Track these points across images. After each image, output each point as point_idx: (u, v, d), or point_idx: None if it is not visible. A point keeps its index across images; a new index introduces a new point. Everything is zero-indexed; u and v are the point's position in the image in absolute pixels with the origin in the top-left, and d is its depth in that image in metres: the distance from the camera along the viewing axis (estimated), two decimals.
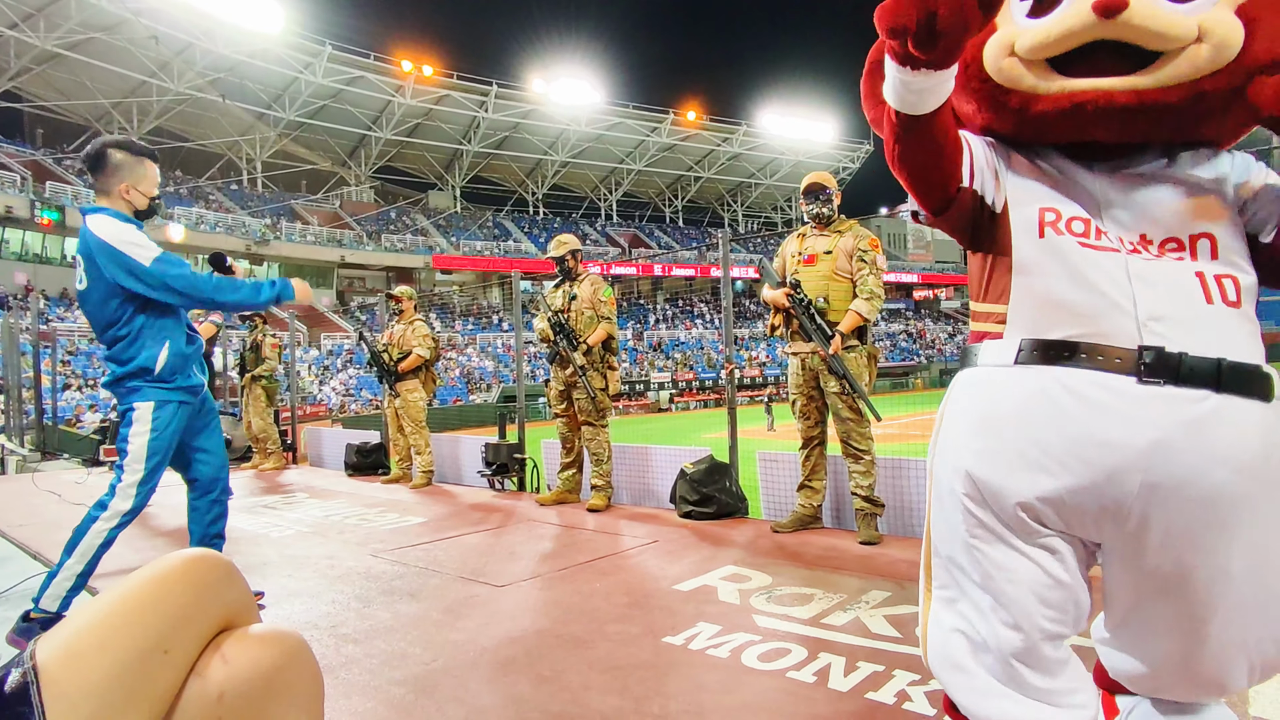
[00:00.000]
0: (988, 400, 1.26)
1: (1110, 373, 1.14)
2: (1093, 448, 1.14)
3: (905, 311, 51.22)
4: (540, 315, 4.94)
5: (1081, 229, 1.22)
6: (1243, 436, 1.11)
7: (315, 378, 28.65)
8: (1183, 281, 1.16)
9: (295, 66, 34.56)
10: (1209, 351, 1.11)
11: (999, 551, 1.23)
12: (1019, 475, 1.19)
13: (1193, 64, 1.12)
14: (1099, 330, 1.16)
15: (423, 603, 2.88)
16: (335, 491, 6.06)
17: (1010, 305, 1.28)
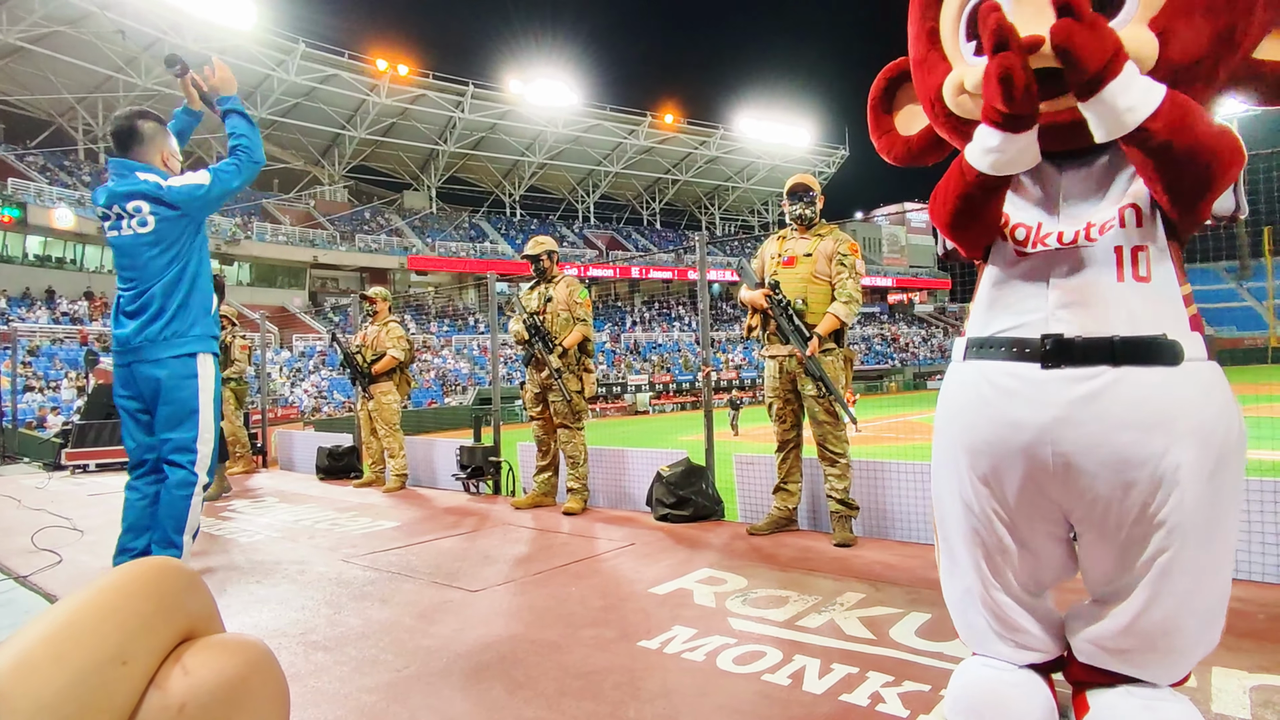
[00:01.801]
0: (945, 393, 1.53)
1: (1021, 361, 1.36)
2: (1006, 428, 1.36)
3: (880, 315, 51.80)
4: (515, 317, 4.91)
5: (1023, 235, 1.40)
6: (1142, 400, 1.27)
7: (287, 379, 28.20)
8: (1099, 264, 1.33)
9: (267, 64, 34.03)
10: (1107, 331, 1.29)
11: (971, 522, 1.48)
12: (967, 457, 1.44)
13: None
14: (1021, 324, 1.37)
15: (395, 608, 2.83)
16: (306, 495, 5.96)
17: (973, 305, 1.53)
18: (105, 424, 8.49)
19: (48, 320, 26.38)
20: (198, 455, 2.66)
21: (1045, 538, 1.46)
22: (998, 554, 1.47)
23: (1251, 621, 2.32)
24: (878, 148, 1.66)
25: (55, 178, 31.08)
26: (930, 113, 1.47)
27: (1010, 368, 1.36)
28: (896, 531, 3.66)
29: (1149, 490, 1.26)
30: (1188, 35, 1.22)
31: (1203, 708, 1.75)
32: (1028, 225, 1.39)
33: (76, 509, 5.44)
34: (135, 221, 2.72)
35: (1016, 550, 1.46)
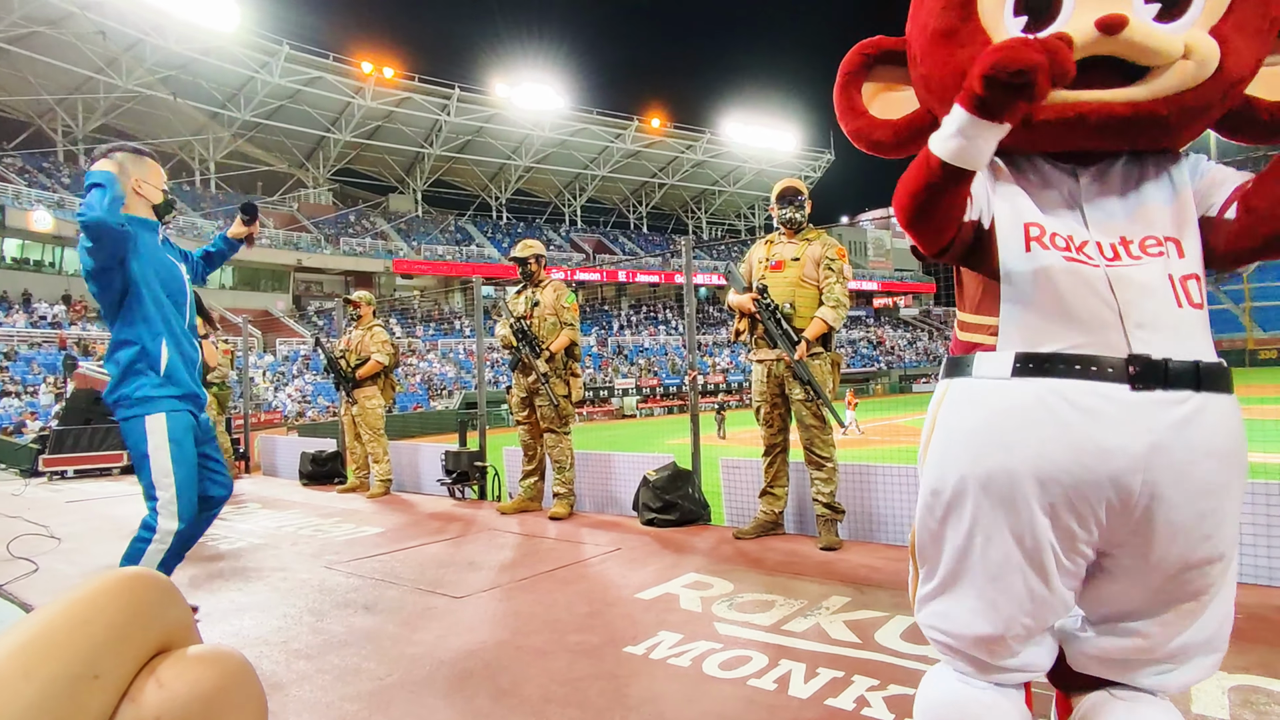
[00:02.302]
0: (990, 412, 1.31)
1: (1104, 381, 1.22)
2: (1094, 455, 1.21)
3: (865, 319, 52.11)
4: (502, 321, 4.89)
5: (1064, 244, 1.28)
6: (1221, 429, 1.22)
7: (270, 384, 27.94)
8: (1157, 287, 1.24)
9: (251, 65, 33.75)
10: (1185, 354, 1.21)
11: (996, 561, 1.31)
12: (1033, 484, 1.26)
13: (1180, 78, 1.19)
14: (1090, 341, 1.24)
15: (378, 615, 2.81)
16: (289, 501, 5.90)
17: (1001, 318, 1.33)
18: (84, 430, 8.37)
19: (25, 324, 25.98)
20: (158, 500, 2.54)
21: (1073, 574, 1.34)
22: (1031, 598, 1.32)
23: None
24: (850, 130, 1.51)
25: (34, 179, 30.64)
26: (942, 94, 1.32)
27: (1096, 387, 1.22)
28: (882, 535, 3.67)
29: (1214, 520, 1.23)
30: (1242, 51, 1.20)
31: (1182, 708, 1.77)
32: (1066, 235, 1.30)
33: (54, 516, 5.35)
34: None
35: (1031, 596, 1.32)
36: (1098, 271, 1.25)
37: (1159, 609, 1.33)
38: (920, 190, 1.25)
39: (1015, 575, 1.30)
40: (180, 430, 2.58)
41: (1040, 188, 1.35)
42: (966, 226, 1.33)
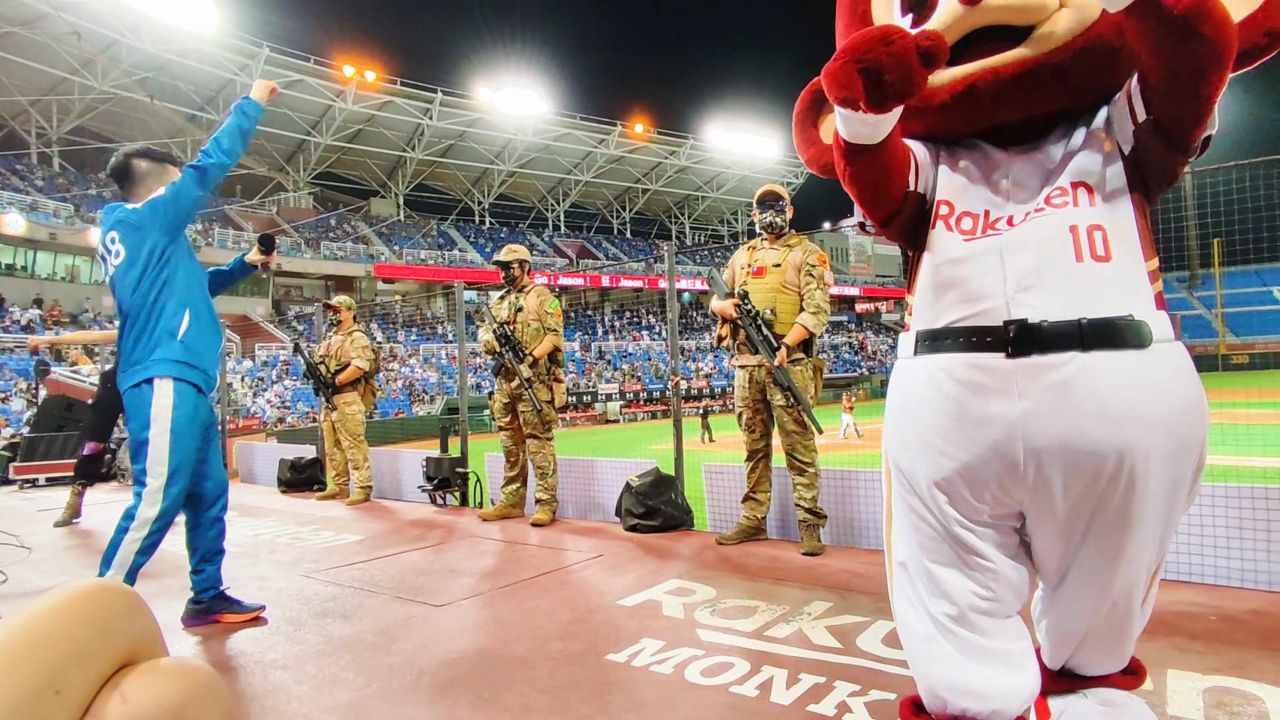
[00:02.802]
0: (898, 392, 1.40)
1: (984, 352, 1.24)
2: (974, 426, 1.25)
3: (848, 324, 52.46)
4: (485, 327, 4.87)
5: (970, 225, 1.32)
6: (1113, 389, 1.18)
7: (249, 389, 27.59)
8: (1055, 243, 1.23)
9: (230, 68, 33.40)
10: (1072, 313, 1.19)
11: (926, 536, 1.36)
12: (924, 460, 1.32)
13: (1064, 27, 1.21)
14: (975, 313, 1.26)
15: (357, 624, 2.77)
16: (267, 509, 5.82)
17: (915, 298, 1.40)
18: (56, 437, 8.21)
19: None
20: (146, 487, 2.54)
21: (1002, 545, 1.36)
22: (967, 568, 1.34)
23: (1204, 623, 2.37)
24: (805, 159, 1.61)
25: (7, 182, 30.07)
26: None
27: (972, 359, 1.25)
28: (864, 540, 3.69)
29: (1117, 480, 1.19)
30: None
31: (1158, 710, 1.79)
32: (974, 214, 1.32)
33: (24, 525, 5.23)
34: (113, 255, 2.67)
35: (979, 558, 1.34)
36: (994, 243, 1.27)
37: (1075, 567, 1.33)
38: (840, 160, 1.31)
39: (944, 548, 1.34)
40: (185, 415, 2.59)
41: (973, 168, 1.38)
42: (912, 198, 1.36)
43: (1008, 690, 1.34)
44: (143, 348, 2.60)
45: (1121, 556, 1.27)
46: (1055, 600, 1.43)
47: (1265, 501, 2.71)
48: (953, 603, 1.34)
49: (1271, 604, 2.53)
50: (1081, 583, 1.35)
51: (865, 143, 1.23)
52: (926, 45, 1.08)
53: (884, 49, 1.07)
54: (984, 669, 1.33)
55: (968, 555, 1.34)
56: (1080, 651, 1.47)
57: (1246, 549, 2.73)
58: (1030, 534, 1.36)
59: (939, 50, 1.09)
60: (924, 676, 1.40)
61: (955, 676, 1.34)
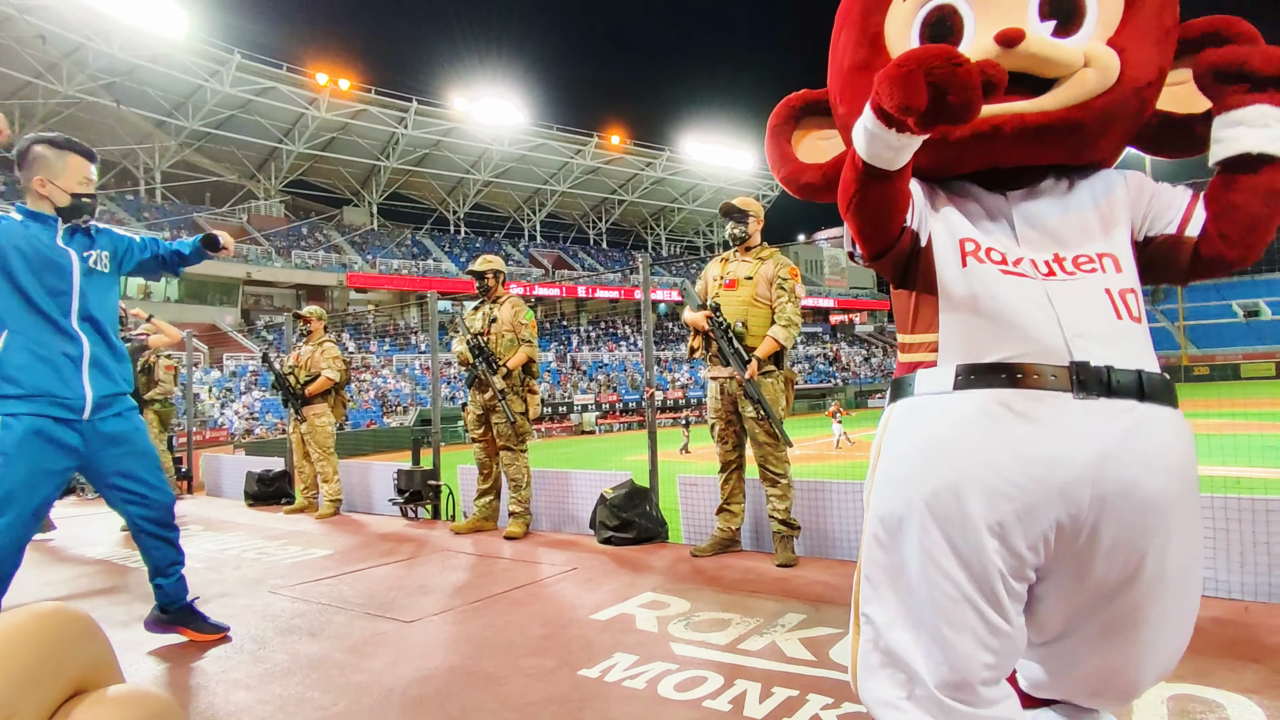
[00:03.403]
0: (932, 428, 1.26)
1: (1047, 390, 1.18)
2: (1043, 465, 1.17)
3: (822, 335, 52.98)
4: (459, 338, 4.83)
5: (999, 257, 1.29)
6: (1168, 442, 1.19)
7: (216, 400, 27.06)
8: (1095, 299, 1.23)
9: (200, 74, 32.91)
10: (1128, 364, 1.19)
11: (945, 593, 1.21)
12: (979, 500, 1.19)
13: (1085, 86, 1.24)
14: (1030, 350, 1.21)
15: (324, 642, 2.71)
16: (233, 523, 5.69)
17: (941, 333, 1.31)
18: None
19: None
20: None
21: (1016, 611, 1.25)
22: (988, 632, 1.21)
23: None
24: (780, 176, 1.57)
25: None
26: None
27: (1037, 396, 1.18)
28: (837, 551, 3.71)
29: (1155, 537, 1.18)
30: (1142, 58, 1.25)
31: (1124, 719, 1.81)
32: (1000, 250, 1.30)
33: None
34: None
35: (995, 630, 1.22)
36: (1035, 284, 1.25)
37: (1086, 631, 1.29)
38: (852, 185, 1.25)
39: (967, 607, 1.21)
40: (11, 441, 2.35)
41: (974, 210, 1.37)
42: (905, 236, 1.32)
43: None
44: None
45: (1143, 613, 1.23)
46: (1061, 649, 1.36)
47: (1225, 511, 2.78)
48: (957, 671, 1.22)
49: (1233, 612, 2.59)
50: (1098, 636, 1.30)
51: (884, 167, 1.19)
52: (991, 74, 1.05)
53: (952, 67, 1.03)
54: None
55: (991, 616, 1.22)
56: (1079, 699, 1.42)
57: (1210, 558, 2.79)
58: (1049, 589, 1.28)
59: (1001, 82, 1.07)
60: None
61: None
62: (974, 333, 1.26)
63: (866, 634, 1.34)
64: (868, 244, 1.31)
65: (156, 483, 2.71)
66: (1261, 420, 15.18)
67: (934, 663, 1.23)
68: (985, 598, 1.20)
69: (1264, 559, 2.70)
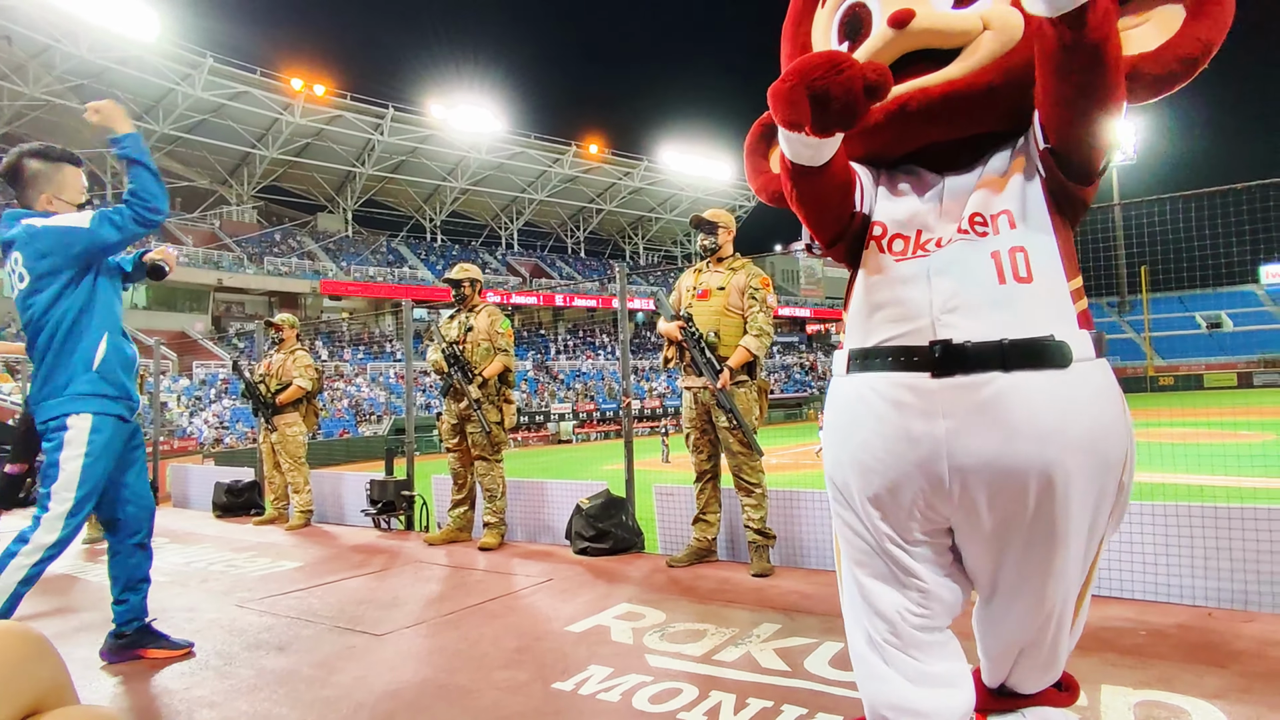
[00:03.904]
0: (831, 410, 1.44)
1: (910, 371, 1.28)
2: (902, 443, 1.28)
3: (799, 345, 53.38)
4: (434, 346, 4.79)
5: (901, 246, 1.35)
6: (1034, 408, 1.21)
7: (185, 409, 26.52)
8: (978, 267, 1.27)
9: (171, 77, 32.39)
10: (994, 334, 1.23)
11: (861, 551, 1.40)
12: (856, 476, 1.36)
13: (988, 49, 1.27)
14: (903, 333, 1.30)
15: (292, 656, 2.66)
16: (200, 535, 5.57)
17: (848, 316, 1.44)
18: None
19: None
20: (48, 512, 2.38)
21: (935, 563, 1.39)
22: (901, 583, 1.37)
23: (1134, 639, 2.46)
24: (755, 188, 1.66)
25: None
26: None
27: (900, 378, 1.28)
28: (811, 560, 3.72)
29: (1040, 497, 1.23)
30: None
31: None
32: (905, 235, 1.35)
33: None
34: (15, 275, 2.50)
35: (911, 577, 1.37)
36: (921, 264, 1.31)
37: (1007, 583, 1.36)
38: (786, 181, 1.34)
39: (877, 563, 1.38)
40: (101, 442, 2.45)
41: (909, 190, 1.42)
42: (858, 219, 1.40)
43: (946, 707, 1.37)
44: (56, 383, 2.43)
45: (1050, 571, 1.31)
46: (989, 614, 1.47)
47: (1189, 519, 2.83)
48: (886, 620, 1.37)
49: (1196, 618, 2.64)
50: (1012, 597, 1.38)
51: (808, 164, 1.26)
52: (873, 78, 1.11)
53: (833, 76, 1.09)
54: (923, 690, 1.36)
55: (900, 573, 1.37)
56: (1016, 669, 1.51)
57: (1174, 565, 2.85)
58: (960, 548, 1.40)
59: (884, 83, 1.12)
60: (867, 695, 1.43)
61: (896, 695, 1.37)
62: (864, 318, 1.38)
63: (844, 592, 1.49)
64: (818, 232, 1.40)
65: (148, 488, 2.78)
66: (1223, 429, 15.57)
67: (868, 611, 1.39)
68: (885, 557, 1.37)
69: (1226, 565, 2.76)
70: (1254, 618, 2.61)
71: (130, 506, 2.70)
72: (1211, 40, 1.23)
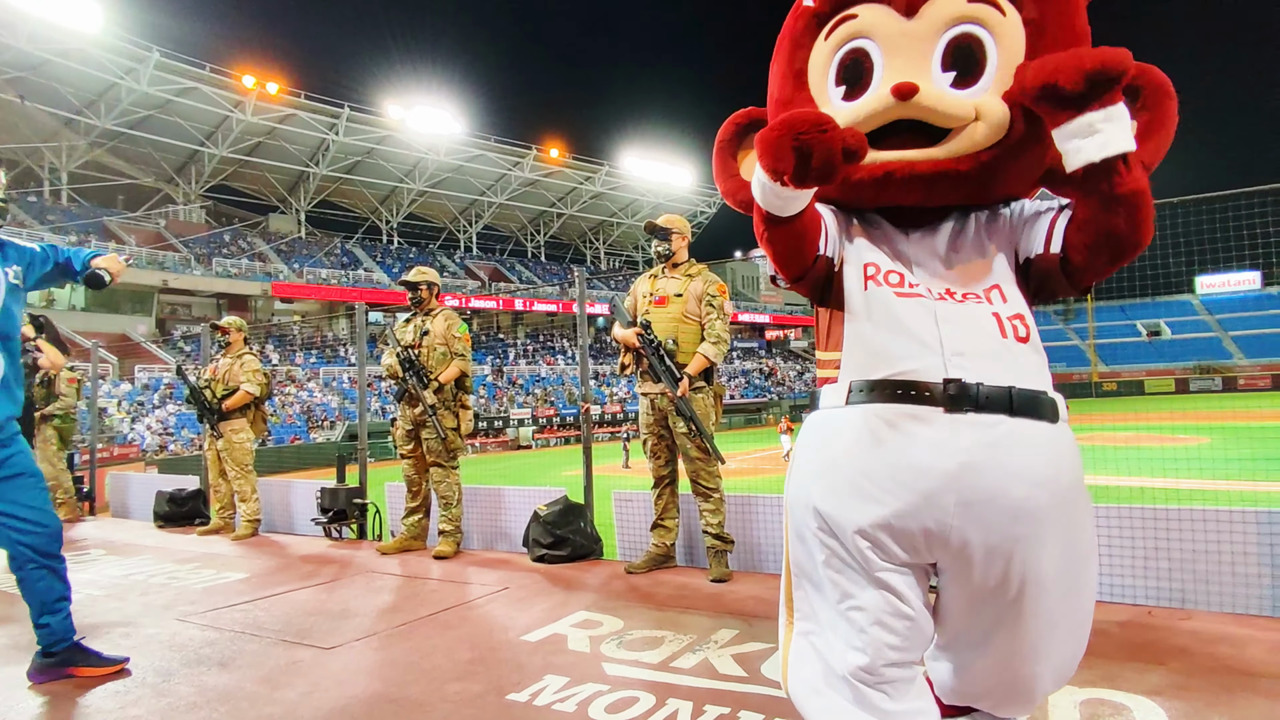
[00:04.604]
0: (825, 439, 1.40)
1: (921, 405, 1.29)
2: (909, 473, 1.27)
3: (758, 350, 53.94)
4: (389, 350, 4.69)
5: (897, 280, 1.38)
6: (1035, 454, 1.27)
7: (127, 415, 25.53)
8: (980, 321, 1.33)
9: (115, 71, 31.22)
10: (1002, 381, 1.28)
11: (847, 582, 1.35)
12: (853, 505, 1.32)
13: (972, 139, 1.32)
14: (912, 368, 1.31)
15: (235, 672, 2.56)
16: (140, 546, 5.35)
17: (843, 352, 1.42)
18: None
19: None
20: None
21: (920, 593, 1.36)
22: (885, 617, 1.33)
23: None
24: (723, 190, 1.65)
25: None
26: None
27: (913, 410, 1.29)
28: (769, 565, 3.74)
29: (1027, 544, 1.26)
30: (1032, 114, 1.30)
31: None
32: (899, 273, 1.39)
33: None
34: None
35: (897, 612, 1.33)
36: (926, 303, 1.34)
37: (982, 629, 1.38)
38: (758, 224, 1.36)
39: (864, 593, 1.34)
40: None
41: (879, 239, 1.46)
42: (820, 262, 1.42)
43: None
44: None
45: (1023, 617, 1.31)
46: (955, 654, 1.46)
47: (1130, 520, 2.93)
48: (865, 654, 1.32)
49: (1137, 616, 2.72)
50: (984, 642, 1.38)
51: (781, 214, 1.30)
52: (852, 144, 1.17)
53: (817, 134, 1.15)
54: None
55: (889, 599, 1.33)
56: (981, 702, 1.50)
57: (1116, 565, 2.93)
58: (942, 587, 1.40)
59: (861, 151, 1.20)
60: None
61: None
62: (868, 351, 1.37)
63: (796, 626, 1.46)
64: (784, 271, 1.43)
65: (42, 505, 2.53)
66: (1162, 433, 16.21)
67: (844, 647, 1.35)
68: (876, 584, 1.32)
69: (1165, 564, 2.85)
70: (1191, 615, 2.70)
71: (16, 535, 2.47)
72: (1150, 165, 1.31)
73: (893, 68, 1.36)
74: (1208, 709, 1.94)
